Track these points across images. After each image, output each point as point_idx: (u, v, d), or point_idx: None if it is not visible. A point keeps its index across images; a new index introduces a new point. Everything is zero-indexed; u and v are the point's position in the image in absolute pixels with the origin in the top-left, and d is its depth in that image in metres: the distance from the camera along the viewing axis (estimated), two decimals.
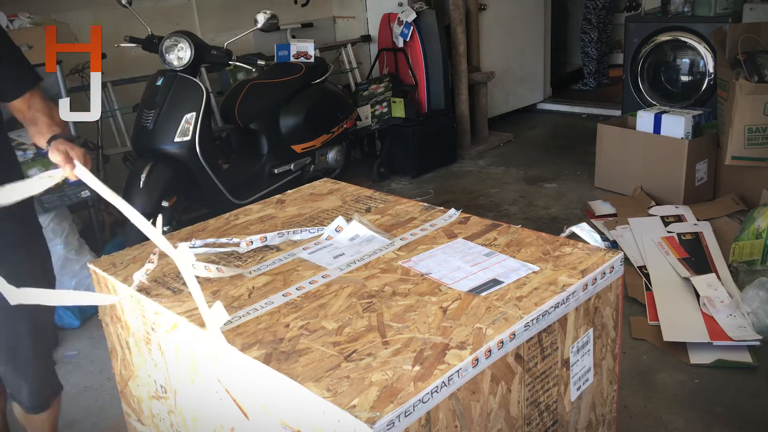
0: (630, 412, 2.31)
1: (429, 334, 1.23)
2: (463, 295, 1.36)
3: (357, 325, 1.28)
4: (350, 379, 1.11)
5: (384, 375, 1.12)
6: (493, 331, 1.22)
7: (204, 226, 1.86)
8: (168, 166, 3.22)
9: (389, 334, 1.24)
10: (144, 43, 3.39)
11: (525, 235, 1.63)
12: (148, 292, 1.47)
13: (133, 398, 1.68)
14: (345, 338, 1.24)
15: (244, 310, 1.36)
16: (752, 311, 2.64)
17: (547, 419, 1.38)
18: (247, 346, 1.23)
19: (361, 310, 1.33)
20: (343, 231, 1.67)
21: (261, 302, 1.39)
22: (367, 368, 1.14)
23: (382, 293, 1.40)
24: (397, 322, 1.28)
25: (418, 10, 4.95)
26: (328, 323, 1.30)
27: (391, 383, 1.09)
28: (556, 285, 1.37)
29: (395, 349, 1.19)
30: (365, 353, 1.18)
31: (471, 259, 1.50)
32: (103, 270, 1.60)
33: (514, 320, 1.25)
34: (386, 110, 4.87)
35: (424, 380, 1.10)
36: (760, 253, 2.93)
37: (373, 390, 1.08)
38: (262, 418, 1.20)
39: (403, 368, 1.13)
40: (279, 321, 1.32)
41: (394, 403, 1.04)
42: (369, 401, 1.05)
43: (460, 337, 1.21)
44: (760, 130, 3.54)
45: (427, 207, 1.85)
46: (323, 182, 2.14)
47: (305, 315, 1.33)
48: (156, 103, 3.27)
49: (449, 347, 1.18)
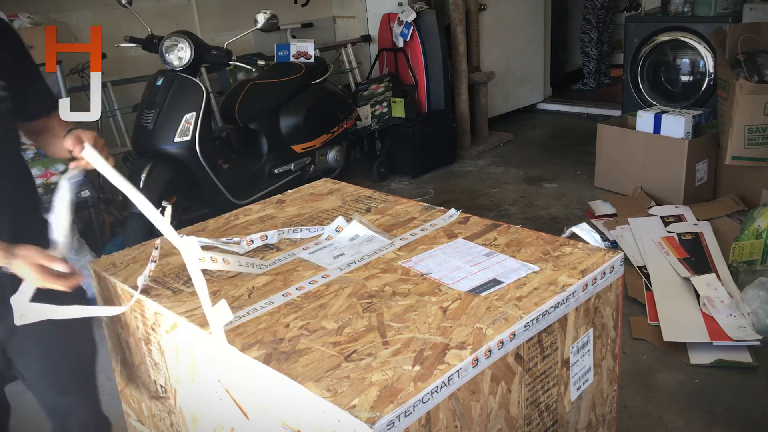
0: (630, 412, 2.31)
1: (429, 334, 1.23)
2: (463, 295, 1.36)
3: (357, 325, 1.28)
4: (350, 379, 1.11)
5: (384, 375, 1.12)
6: (493, 331, 1.22)
7: (204, 226, 1.86)
8: (168, 166, 3.22)
9: (389, 334, 1.24)
10: (144, 43, 3.39)
11: (525, 235, 1.63)
12: (148, 293, 1.46)
13: (133, 398, 1.68)
14: (345, 338, 1.24)
15: (244, 311, 1.36)
16: (752, 311, 2.64)
17: (547, 419, 1.38)
18: (247, 346, 1.23)
19: (361, 310, 1.33)
20: (343, 231, 1.67)
21: (261, 302, 1.39)
22: (367, 368, 1.14)
23: (382, 293, 1.40)
24: (397, 322, 1.28)
25: (418, 10, 4.95)
26: (328, 323, 1.30)
27: (391, 383, 1.09)
28: (556, 285, 1.37)
29: (395, 349, 1.19)
30: (365, 353, 1.18)
31: (471, 259, 1.50)
32: (103, 270, 1.60)
33: (514, 320, 1.25)
34: (386, 110, 4.87)
35: (424, 380, 1.10)
36: (760, 253, 2.93)
37: (373, 390, 1.08)
38: (262, 418, 1.19)
39: (403, 368, 1.13)
40: (279, 321, 1.32)
41: (394, 403, 1.04)
42: (369, 401, 1.05)
43: (460, 337, 1.21)
44: (760, 130, 3.54)
45: (427, 207, 1.85)
46: (323, 182, 2.14)
47: (305, 315, 1.33)
48: (156, 103, 3.27)
49: (449, 347, 1.18)
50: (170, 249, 1.70)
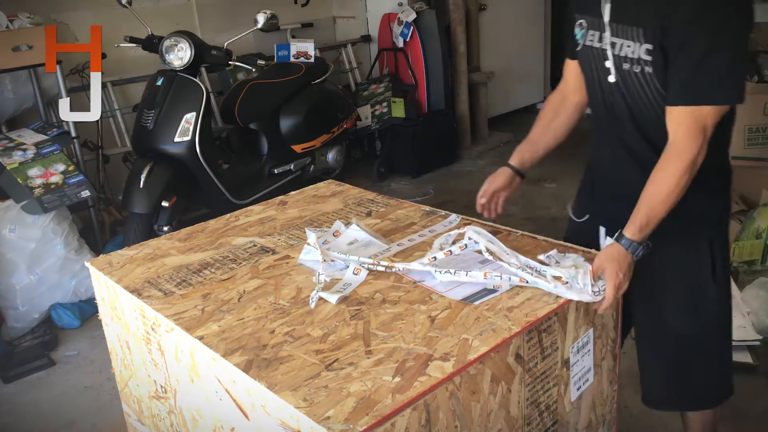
0: (630, 412, 2.30)
1: (414, 344, 1.21)
2: (453, 303, 1.34)
3: (342, 333, 1.26)
4: (328, 389, 1.09)
5: (363, 386, 1.10)
6: (479, 342, 1.20)
7: (204, 227, 1.86)
8: (168, 166, 3.22)
9: (374, 343, 1.22)
10: (144, 43, 3.39)
11: (525, 242, 1.62)
12: (140, 294, 1.46)
13: (133, 398, 1.68)
14: (329, 346, 1.22)
15: (232, 315, 1.36)
16: (752, 311, 2.64)
17: (547, 419, 1.38)
18: (230, 351, 1.23)
19: (348, 317, 1.32)
20: (342, 236, 1.65)
21: (250, 307, 1.39)
22: (346, 378, 1.12)
23: (372, 300, 1.38)
24: (383, 331, 1.26)
25: (418, 10, 4.95)
26: (314, 330, 1.28)
27: (368, 395, 1.07)
28: (549, 296, 1.35)
29: (377, 359, 1.17)
30: (347, 362, 1.17)
31: (466, 266, 1.46)
32: (100, 269, 1.60)
33: (502, 332, 1.23)
34: (386, 110, 4.87)
35: (402, 392, 1.07)
36: (760, 253, 2.93)
37: (350, 401, 1.06)
38: (262, 418, 1.19)
39: (383, 379, 1.11)
40: (265, 327, 1.30)
41: (369, 416, 1.02)
42: (344, 413, 1.03)
43: (445, 348, 1.19)
44: (760, 130, 3.54)
45: (428, 212, 1.83)
46: (327, 184, 2.13)
47: (292, 321, 1.32)
48: (156, 103, 3.27)
49: (432, 358, 1.16)
50: (167, 251, 1.70)
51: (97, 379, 2.72)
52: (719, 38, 1.34)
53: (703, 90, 1.38)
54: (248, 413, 1.23)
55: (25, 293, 3.02)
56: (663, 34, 1.37)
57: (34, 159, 3.13)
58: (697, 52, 1.35)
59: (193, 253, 1.68)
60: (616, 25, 1.46)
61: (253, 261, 1.60)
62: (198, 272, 1.56)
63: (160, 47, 3.30)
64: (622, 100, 1.52)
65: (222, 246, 1.71)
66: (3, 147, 3.15)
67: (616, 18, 1.46)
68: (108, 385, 2.65)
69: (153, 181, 3.12)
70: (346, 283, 1.44)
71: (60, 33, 3.52)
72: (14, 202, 3.02)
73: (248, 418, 1.23)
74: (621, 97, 1.52)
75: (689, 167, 1.39)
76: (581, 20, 1.58)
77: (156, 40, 3.35)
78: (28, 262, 3.03)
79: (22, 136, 3.26)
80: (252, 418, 1.22)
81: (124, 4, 3.32)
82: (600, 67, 1.54)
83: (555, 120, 1.80)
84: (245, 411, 1.23)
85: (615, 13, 1.46)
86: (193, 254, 1.67)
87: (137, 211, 3.09)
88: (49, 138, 3.23)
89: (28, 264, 3.03)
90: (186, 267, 1.60)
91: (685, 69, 1.37)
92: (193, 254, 1.67)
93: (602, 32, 1.49)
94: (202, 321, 1.34)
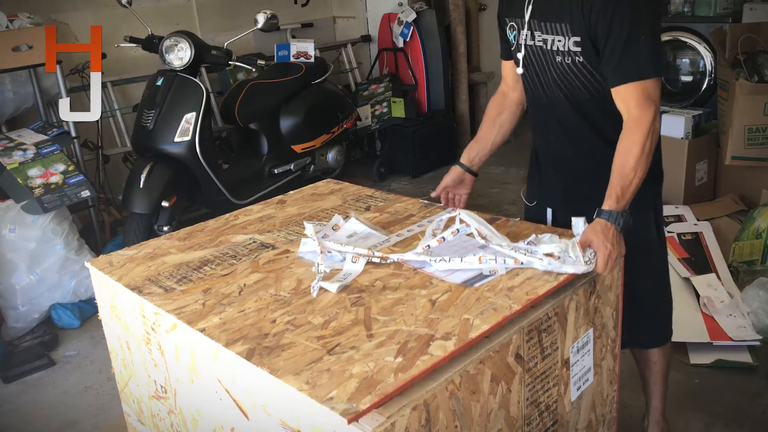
0: (630, 412, 2.30)
1: (415, 326, 1.22)
2: (453, 287, 1.36)
3: (343, 319, 1.28)
4: (330, 372, 1.10)
5: (365, 367, 1.11)
6: (480, 321, 1.22)
7: (203, 226, 1.86)
8: (168, 166, 3.22)
9: (375, 327, 1.24)
10: (144, 43, 3.39)
11: (523, 227, 1.64)
12: (140, 291, 1.46)
13: (133, 398, 1.68)
14: (330, 332, 1.23)
15: (233, 307, 1.36)
16: (752, 311, 2.64)
17: (547, 419, 1.38)
18: (231, 341, 1.23)
19: (349, 304, 1.33)
20: (341, 229, 1.66)
21: (251, 299, 1.39)
22: (348, 361, 1.13)
23: (373, 288, 1.39)
24: (384, 316, 1.27)
25: (418, 10, 4.95)
26: (315, 318, 1.29)
27: (371, 375, 1.09)
28: (549, 275, 1.37)
29: (379, 341, 1.19)
30: (348, 346, 1.18)
31: (466, 252, 1.49)
32: (100, 269, 1.60)
33: (503, 310, 1.24)
34: (386, 110, 4.86)
35: (405, 371, 1.09)
36: (760, 253, 2.93)
37: (353, 382, 1.07)
38: (262, 418, 1.19)
39: (385, 360, 1.13)
40: (266, 317, 1.31)
41: (372, 395, 1.03)
42: (347, 393, 1.04)
43: (446, 328, 1.21)
44: (760, 130, 3.54)
45: (427, 204, 1.85)
46: (326, 183, 2.14)
47: (293, 311, 1.33)
48: (156, 103, 3.27)
49: (434, 338, 1.18)
50: (167, 249, 1.70)
51: (97, 379, 2.72)
52: (638, 21, 1.50)
53: (639, 66, 1.52)
54: (248, 413, 1.23)
55: (25, 293, 3.02)
56: (587, 26, 1.54)
57: (34, 159, 3.13)
58: (623, 36, 1.50)
59: (193, 251, 1.68)
60: (543, 23, 1.62)
61: (253, 256, 1.60)
62: (198, 269, 1.57)
63: (160, 47, 3.30)
64: (557, 88, 1.66)
65: (222, 244, 1.71)
66: (3, 147, 3.15)
67: (542, 17, 1.62)
68: (108, 385, 2.65)
69: (153, 181, 3.12)
70: (346, 273, 1.46)
71: (60, 33, 3.53)
72: (14, 202, 3.02)
73: (248, 418, 1.23)
74: (557, 86, 1.67)
75: (649, 133, 1.51)
76: (512, 23, 1.74)
77: (156, 40, 3.35)
78: (28, 262, 3.03)
79: (22, 136, 3.26)
80: (252, 418, 1.22)
81: (124, 4, 3.32)
82: (537, 61, 1.68)
83: (499, 117, 1.92)
84: (245, 411, 1.23)
85: (539, 13, 1.62)
86: (193, 252, 1.67)
87: (137, 211, 3.09)
88: (49, 138, 3.23)
89: (28, 264, 3.03)
90: (186, 264, 1.60)
91: (616, 53, 1.52)
92: (193, 252, 1.67)
93: (533, 30, 1.65)
94: (203, 314, 1.34)
